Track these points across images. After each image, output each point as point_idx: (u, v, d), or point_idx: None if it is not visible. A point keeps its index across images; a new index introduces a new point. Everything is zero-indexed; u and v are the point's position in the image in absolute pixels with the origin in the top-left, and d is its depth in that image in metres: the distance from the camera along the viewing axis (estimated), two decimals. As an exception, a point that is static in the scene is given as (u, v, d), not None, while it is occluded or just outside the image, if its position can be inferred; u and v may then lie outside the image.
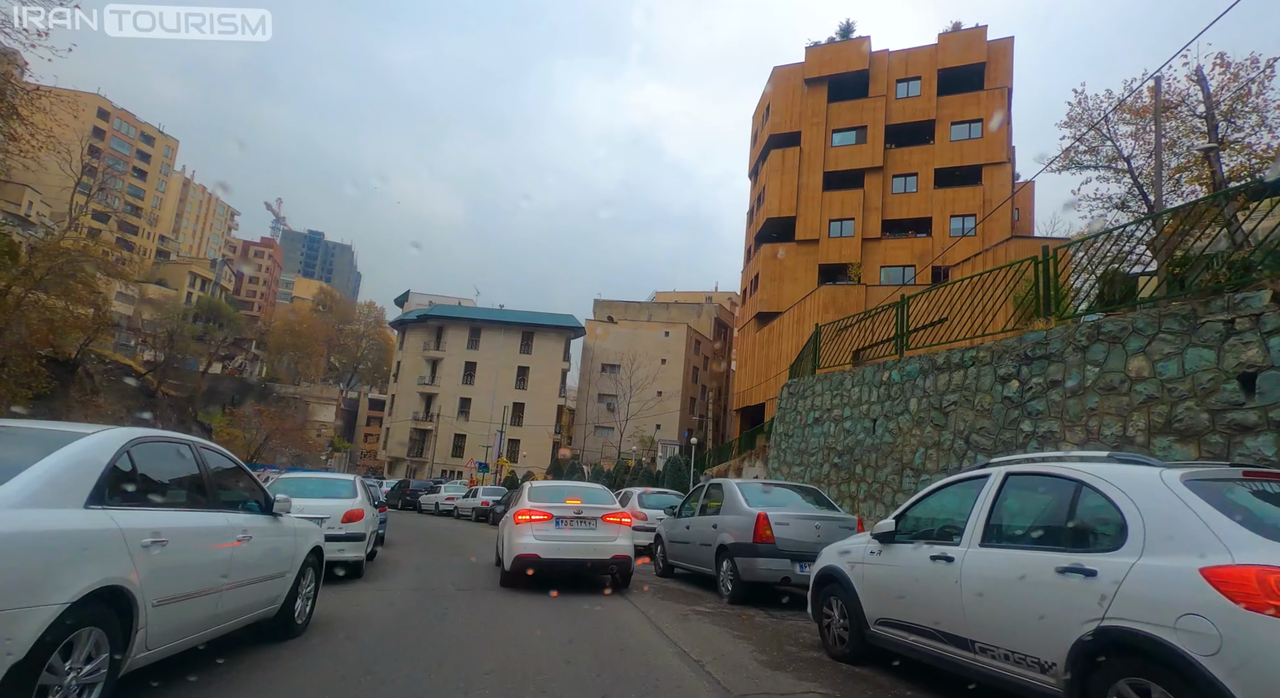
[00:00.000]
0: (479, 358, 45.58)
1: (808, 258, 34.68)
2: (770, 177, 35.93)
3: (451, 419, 44.34)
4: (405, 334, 49.31)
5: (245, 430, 74.87)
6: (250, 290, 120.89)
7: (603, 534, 7.48)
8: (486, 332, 45.75)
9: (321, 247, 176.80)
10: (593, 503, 7.72)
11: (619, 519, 7.62)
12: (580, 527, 7.44)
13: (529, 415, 44.41)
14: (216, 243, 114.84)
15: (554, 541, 7.29)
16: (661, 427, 45.28)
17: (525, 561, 7.14)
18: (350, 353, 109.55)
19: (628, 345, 44.69)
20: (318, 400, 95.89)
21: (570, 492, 8.07)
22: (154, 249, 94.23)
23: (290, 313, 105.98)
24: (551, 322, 44.84)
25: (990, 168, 31.67)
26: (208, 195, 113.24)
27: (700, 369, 49.55)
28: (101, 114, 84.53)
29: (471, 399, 45.17)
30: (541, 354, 45.39)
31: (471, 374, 45.88)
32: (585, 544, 7.40)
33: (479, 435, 43.52)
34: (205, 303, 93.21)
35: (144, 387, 64.55)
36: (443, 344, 46.13)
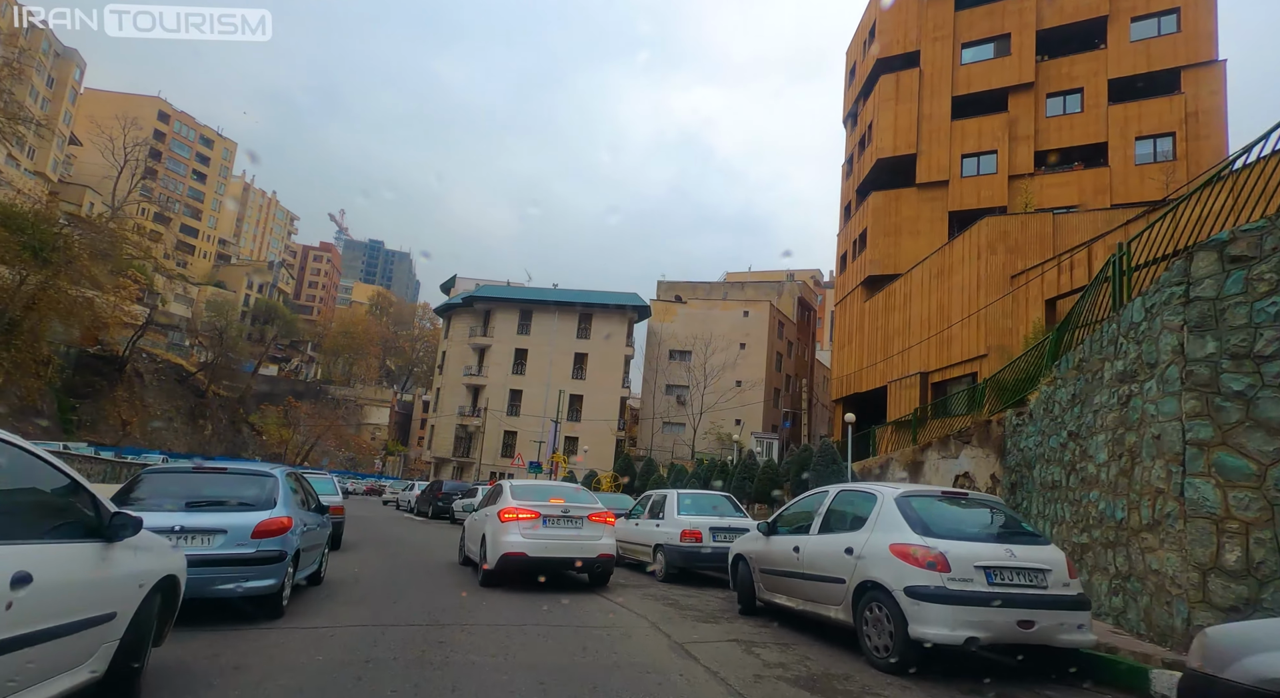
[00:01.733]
0: (530, 344, 40.22)
1: (933, 204, 27.57)
2: (880, 109, 28.99)
3: (500, 414, 39.03)
4: (450, 321, 44.53)
5: (297, 433, 72.78)
6: (310, 295, 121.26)
7: (589, 533, 7.54)
8: (539, 314, 40.40)
9: (381, 254, 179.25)
10: (578, 502, 7.81)
11: (604, 518, 7.70)
12: (567, 525, 7.49)
13: (588, 408, 38.63)
14: (277, 247, 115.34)
15: (541, 539, 7.28)
16: (743, 422, 38.64)
17: (513, 559, 7.11)
18: (405, 355, 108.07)
19: (700, 328, 38.34)
20: (371, 403, 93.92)
21: (554, 491, 8.15)
22: (214, 252, 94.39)
23: (346, 314, 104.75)
24: (612, 301, 39.06)
25: (1194, 70, 23.84)
26: (268, 199, 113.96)
27: (784, 356, 42.63)
28: (162, 116, 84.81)
29: (523, 391, 39.82)
30: (601, 339, 39.61)
31: (522, 363, 40.52)
32: (572, 543, 7.41)
33: (531, 432, 38.04)
34: (262, 305, 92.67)
35: (195, 387, 62.62)
36: (490, 329, 41.01)
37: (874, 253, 28.78)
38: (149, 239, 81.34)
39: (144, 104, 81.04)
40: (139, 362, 56.56)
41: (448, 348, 43.94)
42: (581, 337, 40.10)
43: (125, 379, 53.36)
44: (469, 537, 8.76)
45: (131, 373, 54.48)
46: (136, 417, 51.66)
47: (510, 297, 41.04)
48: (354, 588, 7.15)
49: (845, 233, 33.66)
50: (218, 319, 69.61)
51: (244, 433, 66.82)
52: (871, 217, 29.14)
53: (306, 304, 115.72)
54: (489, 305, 41.40)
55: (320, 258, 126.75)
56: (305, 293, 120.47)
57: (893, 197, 28.66)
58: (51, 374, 50.25)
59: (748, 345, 39.43)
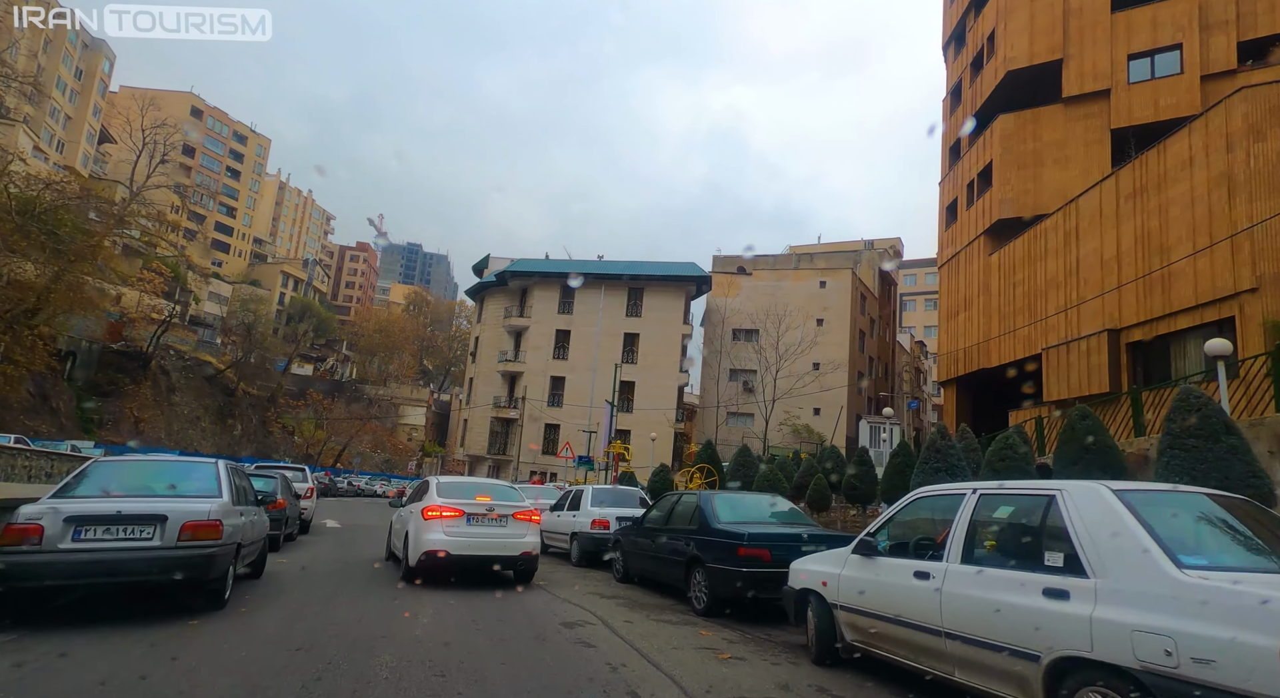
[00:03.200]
0: (573, 325, 35.21)
1: (1088, 123, 21.40)
2: (1010, 9, 22.96)
3: (540, 405, 34.06)
4: (484, 303, 39.86)
5: (331, 433, 69.59)
6: (347, 295, 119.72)
7: (513, 531, 7.51)
8: (582, 291, 35.35)
9: (420, 257, 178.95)
10: (503, 500, 7.71)
11: (529, 517, 7.70)
12: (491, 524, 7.44)
13: (640, 397, 33.33)
14: (313, 247, 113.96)
15: (464, 537, 7.22)
16: (822, 411, 32.77)
17: (433, 556, 7.06)
18: (442, 354, 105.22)
19: (768, 303, 32.63)
20: (408, 402, 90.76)
21: (480, 489, 7.96)
22: (249, 251, 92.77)
23: (382, 313, 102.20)
24: (667, 272, 33.71)
25: None
26: (305, 198, 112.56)
27: (866, 335, 36.53)
28: (195, 112, 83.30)
29: (565, 378, 34.81)
30: (655, 318, 34.29)
31: (564, 346, 35.49)
32: (495, 541, 7.39)
33: (575, 424, 32.97)
34: (297, 303, 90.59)
35: (224, 385, 59.72)
36: (528, 309, 36.13)
37: (1004, 190, 22.73)
38: (184, 237, 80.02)
39: (176, 100, 79.56)
40: (166, 359, 53.80)
41: (481, 332, 39.24)
42: (632, 315, 34.85)
43: (150, 376, 50.37)
44: (394, 533, 8.67)
45: (157, 370, 51.56)
46: (148, 414, 48.57)
47: (550, 271, 36.07)
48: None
49: (953, 178, 27.57)
50: (246, 314, 66.92)
51: (275, 434, 63.96)
52: (999, 145, 23.08)
53: (344, 305, 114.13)
54: (525, 282, 36.53)
55: (357, 258, 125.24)
56: (342, 293, 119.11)
57: (1028, 118, 22.56)
58: (73, 370, 47.24)
59: (826, 322, 33.54)
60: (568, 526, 10.37)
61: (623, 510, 9.79)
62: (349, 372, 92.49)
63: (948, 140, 28.81)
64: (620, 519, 9.42)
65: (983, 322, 23.45)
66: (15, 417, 34.95)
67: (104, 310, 48.46)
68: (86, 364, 46.58)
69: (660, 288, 34.20)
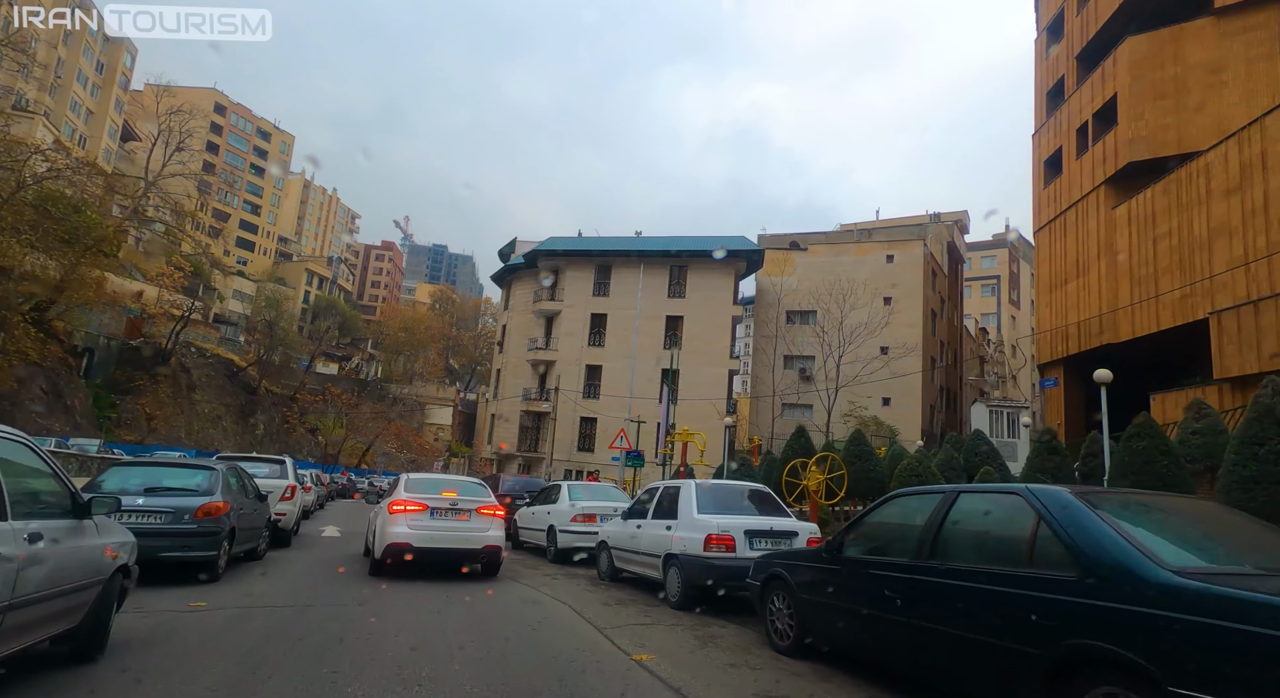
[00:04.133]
0: (610, 308, 31.85)
1: (1249, 37, 17.43)
2: (1139, -91, 19.04)
3: (574, 396, 30.81)
4: (511, 288, 36.78)
5: (354, 431, 67.46)
6: (372, 295, 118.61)
7: (475, 526, 7.59)
8: (620, 270, 32.00)
9: (445, 258, 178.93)
10: (468, 495, 7.79)
11: (493, 512, 7.77)
12: (454, 518, 7.52)
13: (686, 387, 29.86)
14: (339, 246, 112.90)
15: (427, 530, 7.32)
16: (892, 401, 28.97)
17: (397, 549, 7.18)
18: (468, 353, 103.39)
19: (827, 281, 28.89)
20: (434, 402, 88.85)
21: (447, 484, 8.16)
22: (274, 249, 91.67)
23: (407, 312, 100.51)
24: (713, 247, 30.21)
25: None
26: (329, 197, 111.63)
27: (937, 315, 32.55)
28: (218, 109, 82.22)
29: (602, 367, 31.48)
30: (700, 298, 30.78)
31: (600, 331, 32.16)
32: (458, 534, 7.46)
33: (613, 417, 29.71)
34: (322, 301, 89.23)
35: (246, 383, 57.94)
36: (559, 292, 32.91)
37: (1135, 129, 18.82)
38: (207, 235, 78.98)
39: (200, 95, 78.32)
40: (187, 357, 52.03)
41: (508, 320, 36.14)
42: (674, 296, 31.36)
43: (170, 374, 48.48)
44: (370, 529, 8.61)
45: (177, 367, 49.71)
46: (167, 412, 46.65)
47: (583, 249, 32.75)
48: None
49: (1054, 126, 23.61)
50: (269, 311, 65.16)
51: (298, 432, 62.10)
52: (1127, 75, 19.15)
53: (369, 304, 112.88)
54: (557, 263, 33.29)
55: (382, 257, 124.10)
56: (368, 293, 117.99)
57: (1166, 39, 18.63)
58: (91, 367, 45.55)
59: (896, 300, 29.67)
60: (657, 543, 7.03)
61: (752, 521, 6.47)
62: (374, 370, 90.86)
63: (1043, 84, 24.84)
64: (753, 536, 6.26)
65: (1106, 288, 19.56)
66: (27, 415, 32.79)
67: (122, 306, 46.69)
68: (105, 361, 44.76)
69: (706, 266, 30.67)
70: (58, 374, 38.21)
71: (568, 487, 10.58)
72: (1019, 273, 57.18)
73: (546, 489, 11.69)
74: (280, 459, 9.76)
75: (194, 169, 47.53)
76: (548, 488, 11.71)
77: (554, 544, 9.90)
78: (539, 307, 33.33)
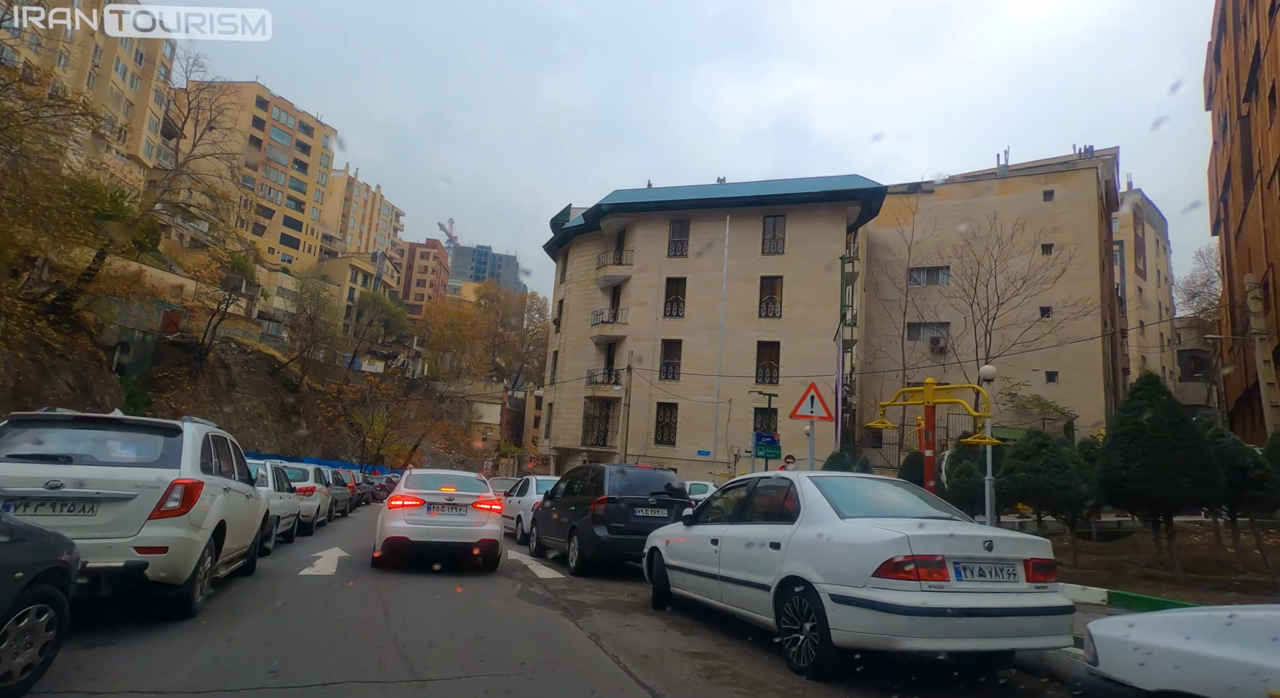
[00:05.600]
0: (689, 270, 26.43)
1: None
2: None
3: (649, 376, 25.52)
4: (568, 258, 31.76)
5: (401, 431, 64.46)
6: (418, 294, 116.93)
7: (471, 520, 7.71)
8: (700, 225, 26.55)
9: (489, 258, 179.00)
10: (466, 490, 7.94)
11: (489, 507, 7.86)
12: (451, 512, 7.67)
13: (789, 362, 24.19)
14: (384, 244, 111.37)
15: (424, 524, 7.46)
16: (1060, 376, 22.66)
17: (395, 543, 7.32)
18: (514, 350, 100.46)
19: (962, 227, 22.83)
20: (481, 399, 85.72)
21: (446, 480, 8.32)
22: (319, 247, 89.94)
23: (452, 308, 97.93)
24: (820, 189, 24.38)
25: None
26: (373, 194, 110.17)
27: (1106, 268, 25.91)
28: (260, 103, 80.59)
29: (681, 342, 26.07)
30: (803, 253, 25.02)
31: (678, 299, 26.76)
32: (454, 528, 7.58)
33: (696, 403, 24.35)
34: (367, 298, 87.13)
35: (288, 380, 55.23)
36: (627, 255, 27.68)
37: None
38: (251, 231, 77.35)
39: (242, 90, 76.81)
40: (227, 353, 49.25)
41: (566, 293, 31.07)
42: (770, 252, 25.65)
43: (208, 369, 45.53)
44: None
45: (215, 363, 46.82)
46: (205, 410, 43.69)
47: (656, 201, 27.31)
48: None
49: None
50: (310, 304, 62.29)
51: (342, 430, 59.14)
52: None
53: (415, 303, 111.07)
54: (623, 221, 28.04)
55: (427, 255, 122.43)
56: (414, 292, 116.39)
57: None
58: (124, 362, 42.79)
59: (1059, 249, 23.29)
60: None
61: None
62: (420, 368, 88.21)
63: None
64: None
65: None
66: None
67: (159, 301, 44.10)
68: (140, 356, 41.91)
69: (809, 214, 24.88)
70: (86, 369, 34.96)
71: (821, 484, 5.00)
72: (1144, 238, 49.34)
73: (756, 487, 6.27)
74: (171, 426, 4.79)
75: (229, 149, 44.75)
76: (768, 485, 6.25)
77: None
78: (603, 273, 28.11)
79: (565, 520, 8.57)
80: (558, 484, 9.82)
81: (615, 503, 7.62)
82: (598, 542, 7.45)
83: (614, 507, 7.60)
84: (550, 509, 9.25)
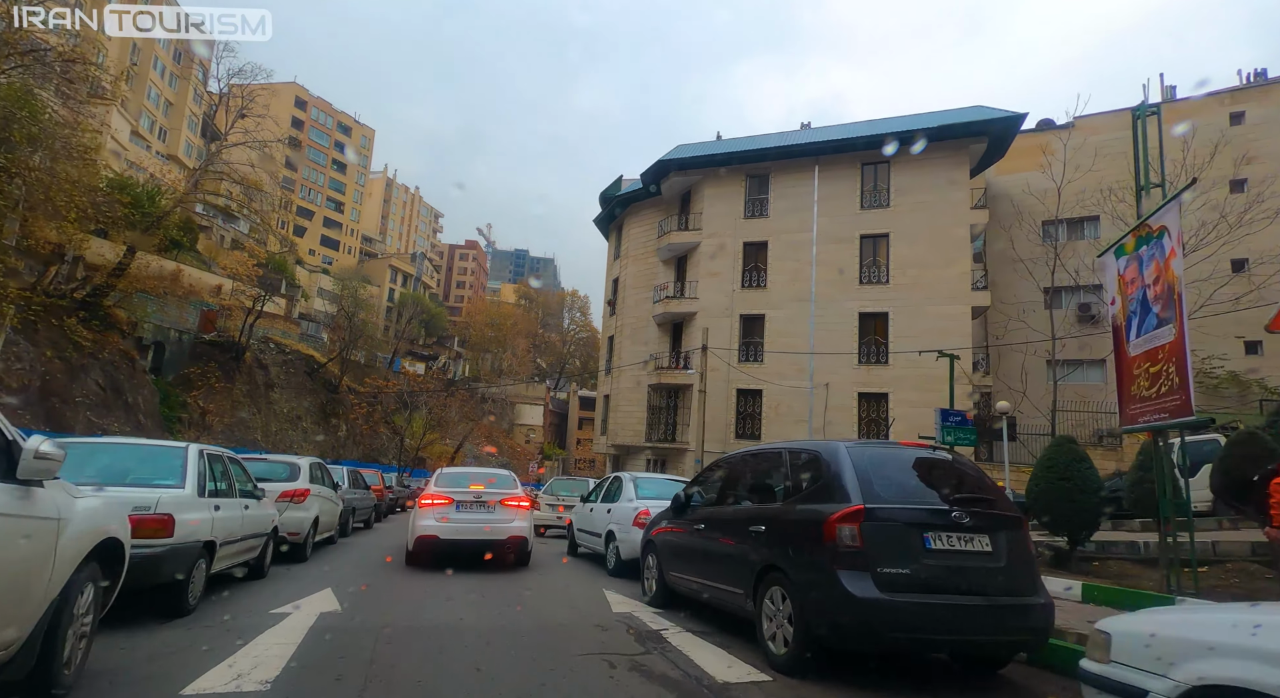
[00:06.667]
0: (770, 232, 22.19)
1: None
2: None
3: (727, 357, 21.45)
4: (622, 232, 27.96)
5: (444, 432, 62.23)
6: (458, 295, 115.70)
7: (500, 517, 7.70)
8: (783, 178, 22.33)
9: (527, 261, 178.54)
10: (495, 488, 7.96)
11: (518, 503, 7.87)
12: (479, 510, 7.67)
13: (899, 336, 19.78)
14: (423, 245, 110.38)
15: (453, 522, 7.49)
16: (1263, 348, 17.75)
17: (425, 541, 7.39)
18: (555, 351, 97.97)
19: (1112, 167, 18.10)
20: (524, 401, 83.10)
21: (475, 478, 8.35)
22: (358, 248, 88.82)
23: (492, 308, 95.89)
24: (933, 125, 19.90)
25: None
26: (412, 195, 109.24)
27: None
28: (299, 103, 79.71)
29: (764, 316, 21.88)
30: (914, 206, 20.51)
31: (758, 268, 22.58)
32: (482, 526, 7.57)
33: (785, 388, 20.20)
34: (407, 298, 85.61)
35: (327, 381, 53.23)
36: (694, 218, 23.67)
37: None
38: (293, 234, 76.32)
39: (280, 91, 75.94)
40: (265, 353, 47.26)
41: (622, 271, 27.22)
42: (872, 206, 21.26)
43: (244, 370, 43.44)
44: None
45: (253, 363, 44.76)
46: (242, 412, 41.54)
47: (728, 152, 23.16)
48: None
49: None
50: (349, 301, 60.27)
51: (382, 433, 56.86)
52: None
53: (455, 305, 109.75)
54: (689, 181, 24.05)
55: (466, 256, 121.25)
56: (454, 294, 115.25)
57: None
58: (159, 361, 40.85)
59: (1258, 185, 18.30)
60: None
61: None
62: (461, 369, 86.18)
63: None
64: None
65: None
66: (77, 412, 26.98)
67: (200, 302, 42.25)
68: (176, 356, 39.91)
69: (921, 157, 20.46)
70: (117, 368, 32.73)
71: None
72: None
73: None
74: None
75: (262, 136, 42.82)
76: None
77: None
78: (666, 242, 24.13)
79: (745, 554, 4.54)
80: (700, 478, 6.03)
81: (884, 522, 3.69)
82: (855, 605, 3.48)
83: (881, 529, 3.63)
84: (691, 531, 5.43)
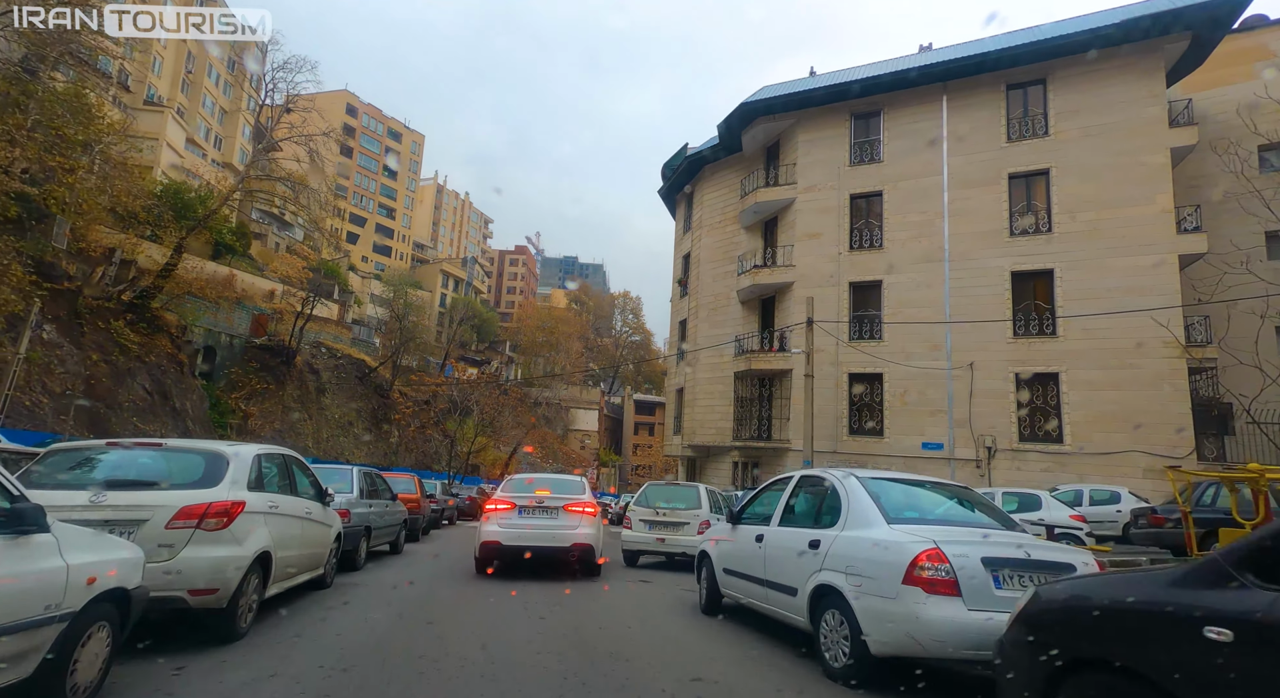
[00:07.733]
0: (884, 180, 17.87)
1: None
2: None
3: (835, 334, 17.25)
4: (693, 199, 24.15)
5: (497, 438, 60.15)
6: (509, 301, 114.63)
7: (563, 523, 7.58)
8: (897, 114, 18.06)
9: (576, 268, 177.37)
10: (559, 493, 7.80)
11: (582, 509, 7.71)
12: (542, 516, 7.57)
13: (1070, 298, 15.19)
14: (473, 251, 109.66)
15: (515, 528, 7.44)
16: None
17: (489, 547, 7.40)
18: (608, 355, 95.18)
19: None
20: (578, 405, 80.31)
21: (541, 484, 8.19)
22: (410, 254, 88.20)
23: (544, 312, 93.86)
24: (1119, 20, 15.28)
25: None
26: (462, 201, 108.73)
27: None
28: (350, 110, 79.59)
29: (880, 283, 17.57)
30: (1085, 131, 15.89)
31: (871, 225, 18.33)
32: (545, 532, 7.49)
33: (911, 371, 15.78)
34: (459, 303, 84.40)
35: (378, 387, 51.51)
36: (785, 171, 19.63)
37: None
38: (346, 241, 75.96)
39: (331, 99, 75.98)
40: (317, 358, 45.70)
41: (694, 244, 23.35)
42: (1023, 136, 16.69)
43: (295, 375, 41.74)
44: None
45: (304, 368, 43.10)
46: (293, 418, 39.78)
47: (827, 86, 18.95)
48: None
49: None
50: (399, 304, 58.64)
51: (434, 437, 54.78)
52: None
53: (506, 311, 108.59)
54: (776, 128, 20.03)
55: (516, 261, 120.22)
56: (504, 300, 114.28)
57: None
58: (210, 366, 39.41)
59: None
60: None
61: None
62: (514, 373, 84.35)
63: None
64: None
65: None
66: (124, 418, 24.97)
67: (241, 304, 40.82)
68: (228, 360, 38.38)
69: (1094, 69, 15.86)
70: (165, 372, 30.93)
71: None
72: None
73: None
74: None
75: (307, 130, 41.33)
76: None
77: None
78: (751, 203, 20.11)
79: None
80: None
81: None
82: None
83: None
84: None
